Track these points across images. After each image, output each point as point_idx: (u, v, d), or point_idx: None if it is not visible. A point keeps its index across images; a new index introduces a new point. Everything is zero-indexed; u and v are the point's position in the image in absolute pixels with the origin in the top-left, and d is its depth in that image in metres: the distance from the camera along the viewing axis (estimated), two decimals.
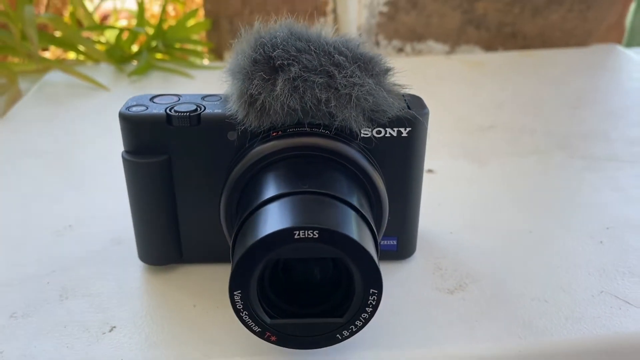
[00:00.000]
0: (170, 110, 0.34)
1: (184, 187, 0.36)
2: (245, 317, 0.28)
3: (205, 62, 0.80)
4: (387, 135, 0.34)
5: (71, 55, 0.87)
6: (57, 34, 0.77)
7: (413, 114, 0.34)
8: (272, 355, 0.31)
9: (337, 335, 0.29)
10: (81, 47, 0.77)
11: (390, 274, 0.37)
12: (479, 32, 0.85)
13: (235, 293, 0.28)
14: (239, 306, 0.28)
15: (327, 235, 0.27)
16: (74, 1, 0.78)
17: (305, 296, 0.31)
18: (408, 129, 0.34)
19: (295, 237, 0.27)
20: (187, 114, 0.34)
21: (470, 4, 0.83)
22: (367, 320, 0.29)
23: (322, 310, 0.30)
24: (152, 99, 0.36)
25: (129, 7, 0.92)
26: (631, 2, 0.86)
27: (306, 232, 0.27)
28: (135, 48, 0.80)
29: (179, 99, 0.35)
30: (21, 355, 0.31)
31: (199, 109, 0.34)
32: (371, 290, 0.28)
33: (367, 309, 0.28)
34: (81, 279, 0.37)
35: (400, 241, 0.38)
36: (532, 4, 0.83)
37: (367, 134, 0.34)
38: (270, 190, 0.30)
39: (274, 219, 0.28)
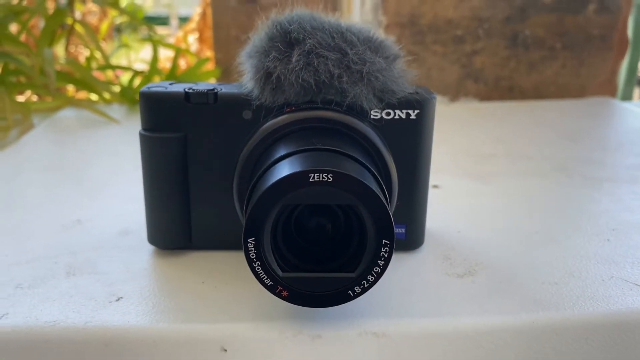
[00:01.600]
0: (188, 90, 0.35)
1: (197, 167, 0.36)
2: (258, 268, 0.28)
3: None
4: (396, 117, 0.35)
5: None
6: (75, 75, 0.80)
7: (422, 96, 0.35)
8: (282, 320, 0.31)
9: (349, 291, 0.29)
10: (96, 88, 0.80)
11: (400, 262, 0.37)
12: (477, 86, 0.89)
13: (249, 240, 0.28)
14: (252, 255, 0.28)
15: (341, 179, 0.27)
16: (92, 47, 0.82)
17: (317, 252, 0.31)
18: (417, 112, 0.35)
19: (310, 180, 0.27)
20: (205, 91, 0.35)
21: (468, 58, 0.87)
22: (378, 276, 0.29)
23: (334, 266, 0.30)
24: (170, 84, 0.37)
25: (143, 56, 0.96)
26: (622, 60, 0.90)
27: (321, 175, 0.27)
28: None
29: (197, 84, 0.37)
30: (26, 317, 0.31)
31: (216, 89, 0.36)
32: (383, 241, 0.28)
33: (379, 262, 0.28)
34: (89, 260, 0.37)
35: (409, 229, 0.38)
36: (527, 58, 0.87)
37: (377, 115, 0.35)
38: (283, 152, 0.31)
39: (288, 168, 0.29)
